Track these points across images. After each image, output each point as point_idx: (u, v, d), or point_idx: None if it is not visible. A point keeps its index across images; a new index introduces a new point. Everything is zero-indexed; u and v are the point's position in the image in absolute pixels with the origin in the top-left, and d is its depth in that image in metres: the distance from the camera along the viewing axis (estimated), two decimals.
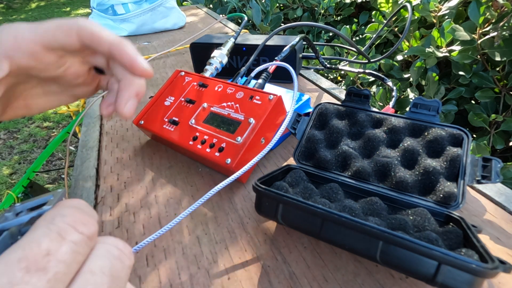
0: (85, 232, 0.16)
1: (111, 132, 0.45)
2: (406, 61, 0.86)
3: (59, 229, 0.15)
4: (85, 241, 0.16)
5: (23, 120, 1.90)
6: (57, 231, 0.15)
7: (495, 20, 0.60)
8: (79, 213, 0.16)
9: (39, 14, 4.24)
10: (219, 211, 0.31)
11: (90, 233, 0.16)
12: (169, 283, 0.25)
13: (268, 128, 0.34)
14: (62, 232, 0.15)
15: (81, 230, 0.16)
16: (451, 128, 0.30)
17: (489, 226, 0.28)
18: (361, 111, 0.35)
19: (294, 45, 0.44)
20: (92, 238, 0.16)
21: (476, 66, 0.67)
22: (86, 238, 0.16)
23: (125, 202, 0.33)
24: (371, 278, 0.24)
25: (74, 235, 0.15)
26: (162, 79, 0.61)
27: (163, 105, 0.40)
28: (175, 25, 0.95)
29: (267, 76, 0.40)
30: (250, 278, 0.24)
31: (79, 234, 0.15)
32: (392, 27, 0.83)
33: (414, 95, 0.75)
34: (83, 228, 0.16)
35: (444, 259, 0.18)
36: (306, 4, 1.21)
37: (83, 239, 0.15)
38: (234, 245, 0.27)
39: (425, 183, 0.28)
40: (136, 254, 0.27)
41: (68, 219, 0.16)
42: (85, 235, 0.16)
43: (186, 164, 0.37)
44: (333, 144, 0.34)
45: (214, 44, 0.55)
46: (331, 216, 0.22)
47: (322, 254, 0.26)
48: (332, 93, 0.52)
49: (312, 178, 0.32)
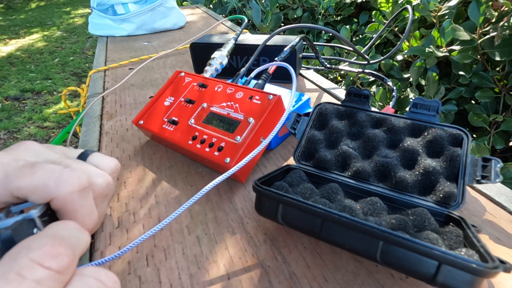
0: (54, 266, 0.14)
1: (111, 132, 0.45)
2: (406, 61, 0.86)
3: (20, 267, 0.14)
4: (53, 277, 0.14)
5: (23, 120, 1.90)
6: (17, 271, 0.13)
7: (495, 20, 0.60)
8: (50, 244, 0.15)
9: (39, 14, 4.24)
10: (219, 211, 0.31)
11: (61, 267, 0.14)
12: (169, 283, 0.25)
13: (268, 127, 0.34)
14: (23, 271, 0.13)
15: (47, 265, 0.14)
16: (451, 128, 0.30)
17: (489, 226, 0.28)
18: (361, 111, 0.35)
19: (294, 46, 0.44)
20: (64, 272, 0.15)
21: (476, 66, 0.67)
22: (54, 274, 0.14)
23: (125, 202, 0.33)
24: (371, 278, 0.24)
25: (37, 273, 0.14)
26: (162, 79, 0.61)
27: (162, 105, 0.40)
28: (175, 25, 0.95)
29: (267, 76, 0.40)
30: (250, 278, 0.24)
31: (44, 270, 0.14)
32: (392, 27, 0.83)
33: (414, 95, 0.75)
34: (51, 262, 0.14)
35: (444, 259, 0.18)
36: (306, 4, 1.21)
37: (50, 275, 0.14)
38: (234, 245, 0.27)
39: (425, 183, 0.28)
40: (136, 254, 0.27)
41: (34, 254, 0.14)
42: (53, 270, 0.14)
43: (186, 164, 0.37)
44: (333, 144, 0.34)
45: (214, 44, 0.55)
46: (331, 216, 0.22)
47: (322, 254, 0.26)
48: (332, 93, 0.52)
49: (312, 178, 0.32)
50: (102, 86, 0.60)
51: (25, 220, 0.19)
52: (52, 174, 0.20)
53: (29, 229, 0.19)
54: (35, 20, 3.95)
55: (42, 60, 2.80)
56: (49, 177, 0.20)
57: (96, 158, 0.26)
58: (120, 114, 0.50)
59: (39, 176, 0.20)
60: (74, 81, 2.41)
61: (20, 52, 2.97)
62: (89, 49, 3.03)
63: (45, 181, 0.19)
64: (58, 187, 0.20)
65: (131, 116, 0.49)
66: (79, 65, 2.68)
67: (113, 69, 0.68)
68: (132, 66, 0.69)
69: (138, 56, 0.74)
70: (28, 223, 0.19)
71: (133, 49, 0.80)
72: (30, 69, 2.62)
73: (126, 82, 0.60)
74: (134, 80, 0.61)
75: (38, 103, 2.10)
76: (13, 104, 2.09)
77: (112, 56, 0.76)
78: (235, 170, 0.27)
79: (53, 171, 0.20)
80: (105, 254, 0.27)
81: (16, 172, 0.20)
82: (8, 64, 2.72)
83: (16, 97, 2.17)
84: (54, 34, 3.47)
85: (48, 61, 2.77)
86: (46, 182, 0.19)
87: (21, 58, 2.85)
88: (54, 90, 2.27)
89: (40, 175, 0.20)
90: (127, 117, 0.49)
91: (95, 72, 0.67)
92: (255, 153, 0.29)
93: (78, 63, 2.72)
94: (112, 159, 0.27)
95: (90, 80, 0.64)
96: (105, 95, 0.56)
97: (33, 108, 2.04)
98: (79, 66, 2.67)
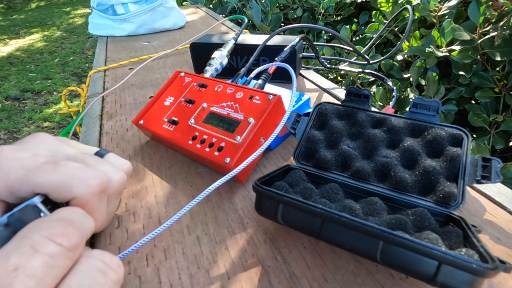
0: (64, 243, 0.15)
1: (111, 132, 0.45)
2: (406, 61, 0.86)
3: (33, 242, 0.14)
4: (63, 253, 0.15)
5: (23, 120, 1.90)
6: (30, 244, 0.14)
7: (495, 20, 0.60)
8: (60, 225, 0.16)
9: (39, 14, 4.24)
10: (219, 211, 0.31)
11: (71, 245, 0.15)
12: (169, 283, 0.25)
13: (268, 127, 0.34)
14: (36, 245, 0.14)
15: (59, 242, 0.15)
16: (451, 128, 0.30)
17: (489, 226, 0.28)
18: (361, 111, 0.35)
19: (294, 46, 0.44)
20: (74, 250, 0.15)
21: (476, 66, 0.67)
22: (65, 250, 0.15)
23: (125, 202, 0.33)
24: (371, 278, 0.24)
25: (49, 247, 0.14)
26: (162, 79, 0.61)
27: (162, 105, 0.40)
28: (175, 25, 0.95)
29: (267, 76, 0.40)
30: (250, 278, 0.24)
31: (56, 246, 0.15)
32: (392, 27, 0.83)
33: (414, 95, 0.75)
34: (62, 239, 0.15)
35: (444, 259, 0.18)
36: (306, 4, 1.21)
37: (61, 251, 0.15)
38: (234, 245, 0.27)
39: (425, 183, 0.28)
40: (136, 254, 0.27)
41: (45, 232, 0.15)
42: (64, 247, 0.15)
43: (186, 164, 0.37)
44: (333, 144, 0.34)
45: (214, 44, 0.55)
46: (331, 216, 0.22)
47: (322, 254, 0.26)
48: (332, 93, 0.52)
49: (312, 178, 0.32)
50: (102, 86, 0.60)
51: (28, 206, 0.19)
52: (76, 173, 0.20)
53: (35, 213, 0.19)
54: (35, 20, 3.95)
55: (42, 60, 2.81)
56: (73, 176, 0.20)
57: (111, 159, 0.26)
58: (120, 114, 0.50)
59: (63, 174, 0.20)
60: (74, 81, 2.41)
61: (20, 52, 2.97)
62: (89, 49, 3.03)
63: (69, 179, 0.20)
64: (81, 187, 0.20)
65: (131, 116, 0.49)
66: (79, 65, 2.68)
67: (113, 69, 0.68)
68: (132, 66, 0.69)
69: (138, 56, 0.74)
70: (33, 208, 0.19)
71: (133, 49, 0.80)
72: (30, 69, 2.62)
73: (126, 82, 0.60)
74: (134, 80, 0.61)
75: (38, 103, 2.10)
76: (13, 104, 2.09)
77: (112, 56, 0.76)
78: (237, 171, 0.27)
79: (76, 170, 0.20)
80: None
81: (38, 169, 0.20)
82: (8, 64, 2.72)
83: (16, 97, 2.17)
84: (54, 34, 3.47)
85: (48, 61, 2.77)
86: (70, 180, 0.19)
87: (21, 58, 2.85)
88: (54, 90, 2.27)
89: (63, 173, 0.20)
90: (127, 117, 0.49)
91: (95, 72, 0.67)
92: (256, 155, 0.29)
93: (78, 63, 2.72)
94: (125, 161, 0.27)
95: (90, 80, 0.64)
96: (105, 95, 0.56)
97: (33, 108, 2.04)
98: (79, 66, 2.67)
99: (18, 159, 0.20)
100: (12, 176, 0.19)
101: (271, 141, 0.30)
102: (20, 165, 0.20)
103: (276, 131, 0.30)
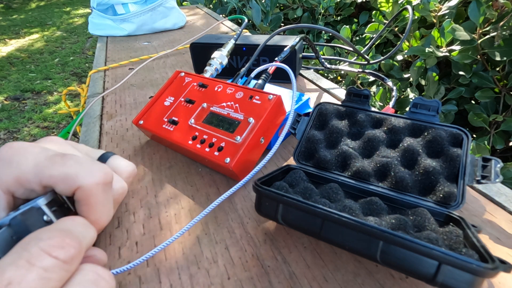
0: (61, 256, 0.15)
1: (111, 132, 0.45)
2: (406, 61, 0.86)
3: (30, 255, 0.14)
4: (59, 266, 0.15)
5: (22, 120, 1.90)
6: (27, 258, 0.14)
7: (495, 20, 0.60)
8: (59, 236, 0.16)
9: (39, 14, 4.24)
10: (219, 211, 0.31)
11: (67, 257, 0.15)
12: (169, 283, 0.25)
13: (268, 127, 0.34)
14: (32, 259, 0.14)
15: (55, 255, 0.15)
16: (451, 128, 0.30)
17: (489, 226, 0.28)
18: (361, 111, 0.35)
19: (294, 46, 0.44)
20: (70, 262, 0.16)
21: (476, 66, 0.67)
22: (60, 263, 0.15)
23: (125, 202, 0.33)
24: (371, 278, 0.24)
25: (45, 261, 0.15)
26: (162, 79, 0.61)
27: (162, 105, 0.40)
28: (175, 25, 0.95)
29: (267, 76, 0.40)
30: (250, 278, 0.24)
31: (51, 259, 0.15)
32: (392, 27, 0.83)
33: (414, 95, 0.75)
34: (59, 252, 0.15)
35: (444, 259, 0.18)
36: (306, 4, 1.21)
37: (56, 263, 0.15)
38: (234, 245, 0.27)
39: (425, 183, 0.28)
40: (136, 254, 0.27)
41: (43, 244, 0.15)
42: (60, 259, 0.15)
43: (186, 164, 0.37)
44: (333, 144, 0.34)
45: (214, 45, 0.55)
46: (331, 216, 0.22)
47: (322, 254, 0.26)
48: (332, 93, 0.52)
49: (312, 178, 0.32)
50: (102, 86, 0.60)
51: (33, 208, 0.19)
52: (82, 164, 0.21)
53: (38, 215, 0.19)
54: (35, 20, 3.95)
55: (42, 60, 2.80)
56: (80, 166, 0.21)
57: (115, 161, 0.27)
58: (120, 114, 0.50)
59: (70, 165, 0.21)
60: (74, 81, 2.41)
61: (20, 52, 2.97)
62: (89, 49, 3.03)
63: (76, 170, 0.20)
64: (87, 176, 0.20)
65: (131, 116, 0.49)
66: (79, 65, 2.68)
67: (113, 69, 0.68)
68: (132, 66, 0.69)
69: (138, 56, 0.74)
70: (37, 211, 0.19)
71: (133, 49, 0.80)
72: (30, 69, 2.62)
73: (126, 82, 0.60)
74: (134, 80, 0.61)
75: (38, 103, 2.10)
76: (13, 104, 2.09)
77: (112, 56, 0.76)
78: (245, 181, 0.29)
79: (82, 161, 0.21)
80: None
81: (47, 161, 0.21)
82: (8, 64, 2.72)
83: (16, 97, 2.17)
84: (54, 34, 3.47)
85: (48, 61, 2.77)
86: (77, 170, 0.20)
87: (21, 58, 2.85)
88: (54, 90, 2.27)
89: (71, 164, 0.21)
90: (127, 117, 0.49)
91: (95, 72, 0.67)
92: (264, 162, 0.30)
93: (78, 63, 2.72)
94: (130, 164, 0.28)
95: (90, 80, 0.64)
96: (105, 95, 0.56)
97: (33, 108, 2.04)
98: (79, 66, 2.67)
99: (29, 152, 0.21)
100: (23, 167, 0.20)
101: (277, 147, 0.31)
102: (32, 158, 0.21)
103: (280, 138, 0.31)
